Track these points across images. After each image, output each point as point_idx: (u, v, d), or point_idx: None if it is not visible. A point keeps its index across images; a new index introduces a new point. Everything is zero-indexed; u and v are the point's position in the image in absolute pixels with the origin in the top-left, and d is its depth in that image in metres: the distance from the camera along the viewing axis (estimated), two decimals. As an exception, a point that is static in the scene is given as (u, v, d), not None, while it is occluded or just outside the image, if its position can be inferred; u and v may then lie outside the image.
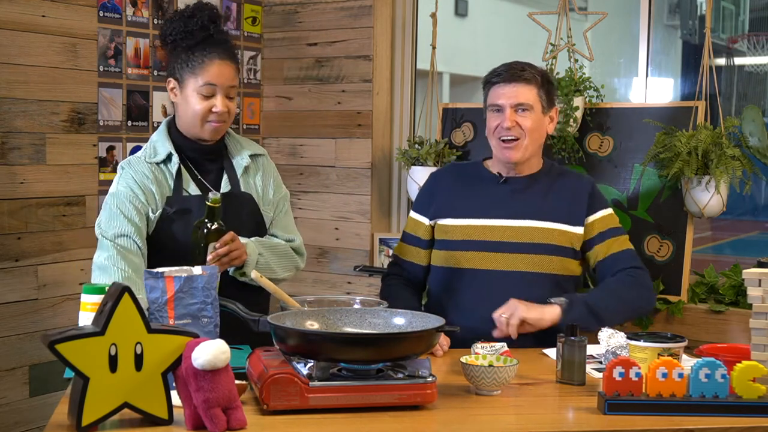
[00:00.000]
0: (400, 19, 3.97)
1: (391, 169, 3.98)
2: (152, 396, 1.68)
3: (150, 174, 2.39)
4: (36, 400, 3.27)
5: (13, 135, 3.18)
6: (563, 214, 2.54)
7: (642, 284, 2.52)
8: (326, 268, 4.01)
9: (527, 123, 2.50)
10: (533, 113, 2.51)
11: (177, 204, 2.38)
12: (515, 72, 2.52)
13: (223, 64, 2.39)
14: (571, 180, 2.62)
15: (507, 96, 2.51)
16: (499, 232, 2.53)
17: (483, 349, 2.16)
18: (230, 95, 2.41)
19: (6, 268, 3.17)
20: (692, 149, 2.98)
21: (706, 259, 3.77)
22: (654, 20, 3.55)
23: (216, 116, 2.39)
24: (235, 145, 2.54)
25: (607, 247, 2.54)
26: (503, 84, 2.52)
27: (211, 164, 2.48)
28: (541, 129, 2.55)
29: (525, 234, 2.52)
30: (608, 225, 2.57)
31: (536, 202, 2.56)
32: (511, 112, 2.50)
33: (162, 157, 2.42)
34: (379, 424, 1.75)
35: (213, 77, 2.37)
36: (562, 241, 2.52)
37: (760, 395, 1.82)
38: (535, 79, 2.52)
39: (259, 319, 1.95)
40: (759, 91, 5.58)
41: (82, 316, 1.93)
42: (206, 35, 2.40)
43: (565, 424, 1.84)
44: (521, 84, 2.51)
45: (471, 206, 2.58)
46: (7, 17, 3.14)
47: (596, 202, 2.59)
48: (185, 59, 2.39)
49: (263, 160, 2.58)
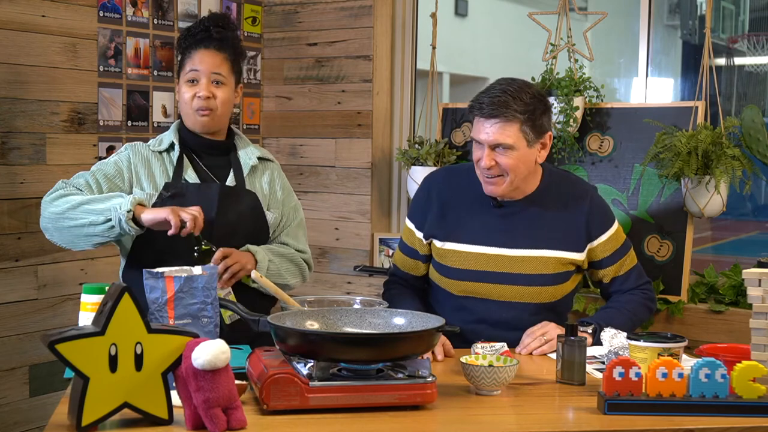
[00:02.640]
0: (400, 19, 3.97)
1: (391, 169, 3.99)
2: (152, 396, 1.68)
3: (146, 159, 2.45)
4: (36, 400, 3.27)
5: (13, 135, 3.18)
6: (561, 241, 2.44)
7: (651, 299, 2.57)
8: (326, 268, 4.01)
9: (508, 162, 2.33)
10: (515, 151, 2.33)
11: (173, 189, 2.41)
12: (496, 108, 2.30)
13: (207, 53, 2.44)
14: (571, 199, 2.47)
15: (486, 134, 2.33)
16: (493, 262, 2.43)
17: (483, 349, 2.16)
18: (216, 81, 2.44)
19: (6, 268, 3.17)
20: (692, 149, 2.98)
21: (706, 259, 3.77)
22: (654, 20, 3.55)
23: (200, 102, 2.42)
24: (244, 146, 2.56)
25: (616, 270, 2.51)
26: (483, 119, 2.33)
27: (217, 159, 2.51)
28: (527, 162, 2.37)
29: (520, 264, 2.43)
30: (614, 247, 2.49)
31: (532, 229, 2.44)
32: (488, 150, 2.33)
33: (165, 146, 2.47)
34: (379, 424, 1.75)
35: (195, 64, 2.44)
36: (558, 268, 2.44)
37: (760, 395, 1.82)
38: (516, 116, 2.30)
39: (259, 319, 1.95)
40: (759, 91, 5.58)
41: (82, 316, 1.93)
42: (206, 36, 2.45)
43: (565, 424, 1.84)
44: (500, 122, 2.30)
45: (465, 231, 2.47)
46: (7, 17, 3.14)
47: (597, 223, 2.47)
48: (182, 58, 2.48)
49: (272, 166, 2.60)
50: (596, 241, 2.47)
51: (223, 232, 2.38)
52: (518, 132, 2.32)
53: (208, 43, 2.44)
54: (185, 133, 2.50)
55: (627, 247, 2.54)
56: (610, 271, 2.51)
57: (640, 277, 2.55)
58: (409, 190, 3.71)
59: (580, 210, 2.46)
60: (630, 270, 2.53)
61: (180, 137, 2.49)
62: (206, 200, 2.39)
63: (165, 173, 2.45)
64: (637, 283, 2.54)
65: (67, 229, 2.31)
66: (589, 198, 2.50)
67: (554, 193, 2.48)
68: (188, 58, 2.45)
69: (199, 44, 2.45)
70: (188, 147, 2.49)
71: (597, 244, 2.47)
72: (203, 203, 2.34)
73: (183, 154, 2.47)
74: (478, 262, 2.45)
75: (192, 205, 2.28)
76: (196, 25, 2.49)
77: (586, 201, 2.48)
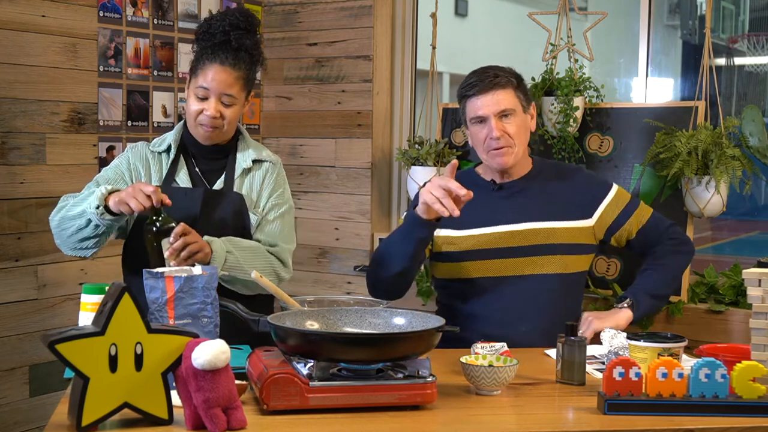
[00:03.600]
0: (400, 19, 3.97)
1: (391, 169, 3.99)
2: (152, 396, 1.68)
3: (144, 159, 2.45)
4: (36, 400, 3.27)
5: (13, 135, 3.18)
6: (565, 211, 2.54)
7: (681, 242, 2.64)
8: (326, 268, 4.01)
9: (513, 128, 2.47)
10: (516, 117, 2.48)
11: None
12: (490, 80, 2.47)
13: (222, 70, 2.37)
14: (565, 174, 2.62)
15: (488, 105, 2.47)
16: (504, 239, 2.52)
17: (483, 349, 2.16)
18: (225, 102, 2.39)
19: (6, 268, 3.17)
20: (692, 149, 2.98)
21: (706, 259, 3.77)
22: (654, 20, 3.55)
23: (206, 119, 2.39)
24: (244, 148, 2.52)
25: (633, 224, 2.58)
26: (481, 95, 2.47)
27: (214, 162, 2.49)
28: (526, 130, 2.54)
29: (529, 237, 2.51)
30: (622, 204, 2.59)
31: (534, 204, 2.54)
32: (496, 120, 2.46)
33: (164, 147, 2.46)
34: (379, 424, 1.75)
35: (207, 81, 2.37)
36: (567, 239, 2.52)
37: (760, 395, 1.82)
38: (510, 81, 2.49)
39: (260, 319, 1.95)
40: (759, 91, 5.58)
41: (82, 316, 1.93)
42: (225, 39, 2.39)
43: (565, 424, 1.84)
44: (499, 90, 2.46)
45: (472, 216, 2.51)
46: (7, 17, 3.14)
47: (598, 187, 2.60)
48: (195, 59, 2.43)
49: (268, 167, 2.52)
50: (602, 204, 2.57)
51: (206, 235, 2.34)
52: (514, 97, 2.48)
53: (224, 57, 2.37)
54: (188, 137, 2.48)
55: (636, 202, 2.63)
56: (632, 224, 2.58)
57: (663, 222, 2.64)
58: (409, 190, 3.70)
59: (576, 181, 2.59)
60: (651, 218, 2.62)
61: (182, 139, 2.48)
62: (190, 204, 2.38)
63: (159, 174, 2.45)
64: (665, 227, 2.62)
65: (68, 239, 2.33)
66: (583, 171, 2.68)
67: (548, 171, 2.61)
68: (201, 70, 2.38)
69: (214, 57, 2.37)
70: (187, 150, 2.48)
71: (604, 206, 2.56)
72: (187, 207, 2.35)
73: (178, 156, 2.46)
74: (490, 241, 2.52)
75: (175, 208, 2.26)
76: (217, 23, 2.41)
77: (580, 173, 2.65)
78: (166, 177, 2.43)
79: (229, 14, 2.43)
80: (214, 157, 2.49)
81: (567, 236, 2.53)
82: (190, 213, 2.36)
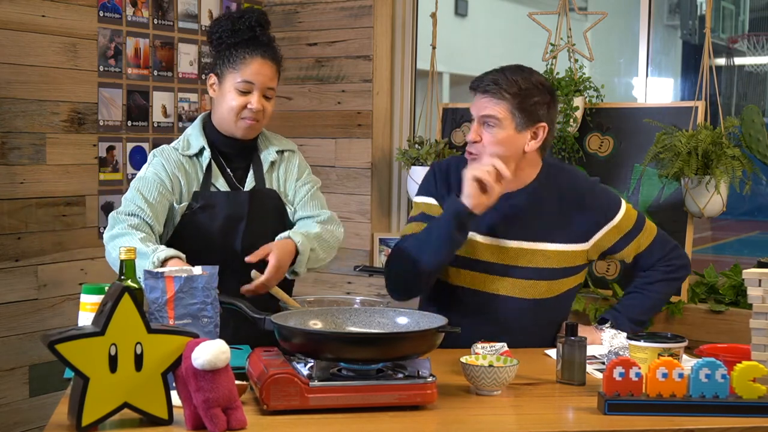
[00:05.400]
0: (400, 19, 3.97)
1: (391, 169, 3.99)
2: (152, 396, 1.68)
3: (180, 165, 2.40)
4: (36, 400, 3.27)
5: (13, 135, 3.18)
6: (561, 233, 2.38)
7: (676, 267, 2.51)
8: (326, 268, 4.00)
9: (489, 138, 2.31)
10: (501, 129, 2.30)
11: (203, 199, 2.39)
12: (486, 84, 2.33)
13: (264, 64, 2.40)
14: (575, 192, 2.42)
15: (475, 106, 2.35)
16: (488, 252, 2.38)
17: (483, 349, 2.16)
18: (267, 95, 2.42)
19: (6, 268, 3.17)
20: (692, 149, 2.98)
21: (706, 259, 3.77)
22: (654, 20, 3.55)
23: (250, 113, 2.39)
24: (265, 142, 2.54)
25: (635, 248, 2.45)
26: (479, 94, 2.35)
27: (241, 161, 2.49)
28: (512, 147, 2.31)
29: (514, 256, 2.37)
30: (624, 229, 2.42)
31: (526, 221, 2.38)
32: (477, 124, 2.34)
33: (195, 150, 2.43)
34: (379, 424, 1.75)
35: (251, 75, 2.39)
36: (555, 263, 2.37)
37: (760, 395, 1.82)
38: (505, 96, 2.30)
39: (265, 318, 1.95)
40: (759, 91, 5.59)
41: (82, 316, 1.93)
42: (252, 35, 2.41)
43: (565, 424, 1.84)
44: (488, 97, 2.32)
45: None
46: (7, 17, 3.14)
47: (603, 212, 2.41)
48: (228, 56, 2.41)
49: (289, 155, 2.57)
50: (602, 231, 2.40)
51: (254, 236, 2.38)
52: (505, 110, 2.30)
53: (263, 52, 2.40)
54: (212, 135, 2.45)
55: (640, 225, 2.46)
56: (629, 251, 2.45)
57: (664, 246, 2.50)
58: (409, 190, 3.70)
59: (582, 202, 2.40)
60: (651, 244, 2.47)
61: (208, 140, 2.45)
62: (236, 208, 2.40)
63: (196, 179, 2.41)
64: (663, 252, 2.49)
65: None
66: (592, 193, 2.45)
67: (553, 186, 2.41)
68: (242, 64, 2.38)
69: (254, 51, 2.39)
70: (217, 150, 2.46)
71: (603, 233, 2.40)
72: (234, 211, 2.38)
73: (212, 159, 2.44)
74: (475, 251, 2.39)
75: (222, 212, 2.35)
76: (237, 20, 2.41)
77: (590, 195, 2.43)
78: (204, 182, 2.41)
79: (249, 12, 2.45)
80: (241, 155, 2.49)
81: (555, 260, 2.38)
82: (238, 216, 2.39)
